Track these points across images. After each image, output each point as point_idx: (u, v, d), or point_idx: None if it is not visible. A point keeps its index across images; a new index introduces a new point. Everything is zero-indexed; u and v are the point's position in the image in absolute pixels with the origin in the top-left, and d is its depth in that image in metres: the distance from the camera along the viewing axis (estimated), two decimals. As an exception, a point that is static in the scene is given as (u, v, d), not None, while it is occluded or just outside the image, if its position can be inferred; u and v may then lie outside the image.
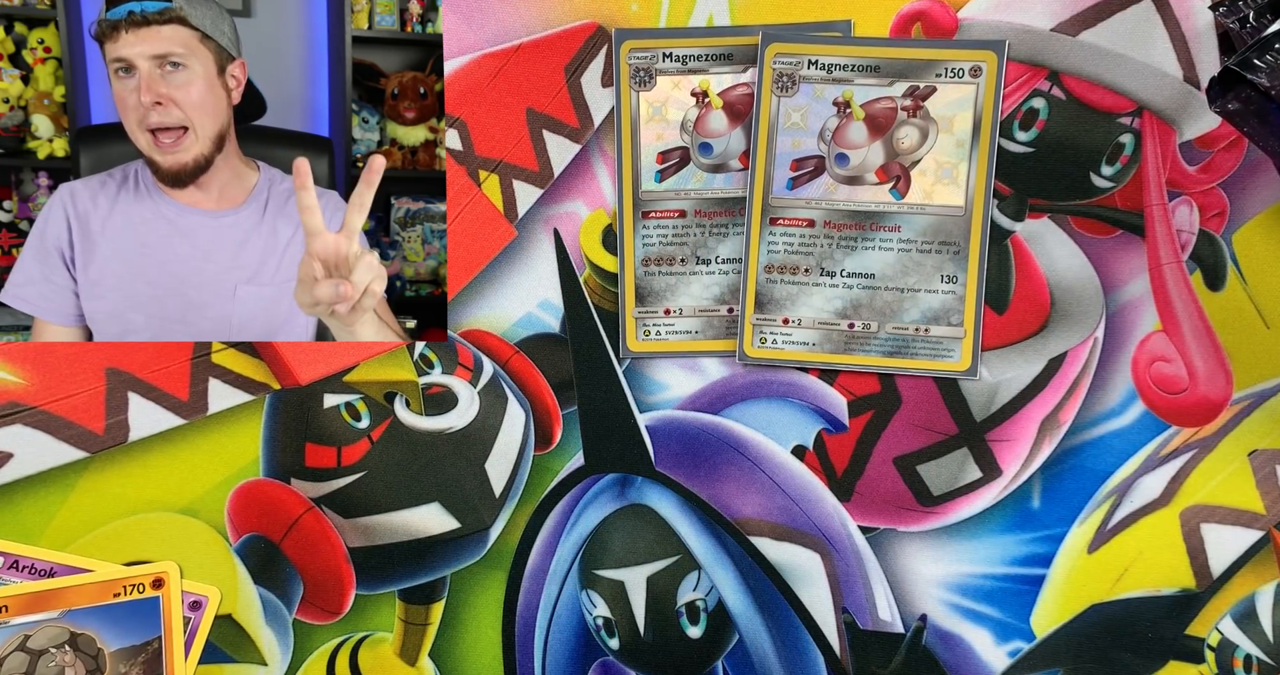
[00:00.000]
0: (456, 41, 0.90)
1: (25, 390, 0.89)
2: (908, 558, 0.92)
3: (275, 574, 0.90)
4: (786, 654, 0.91)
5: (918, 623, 0.92)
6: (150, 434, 0.90)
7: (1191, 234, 0.90)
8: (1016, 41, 0.88)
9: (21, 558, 0.88)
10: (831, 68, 0.88)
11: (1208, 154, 0.90)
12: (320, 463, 0.91)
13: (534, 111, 0.90)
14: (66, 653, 0.85)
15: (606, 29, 0.89)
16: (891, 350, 0.90)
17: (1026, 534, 0.91)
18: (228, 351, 0.91)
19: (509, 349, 0.92)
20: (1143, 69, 0.88)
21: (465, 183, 0.91)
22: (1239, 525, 0.90)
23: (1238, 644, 0.90)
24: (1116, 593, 0.91)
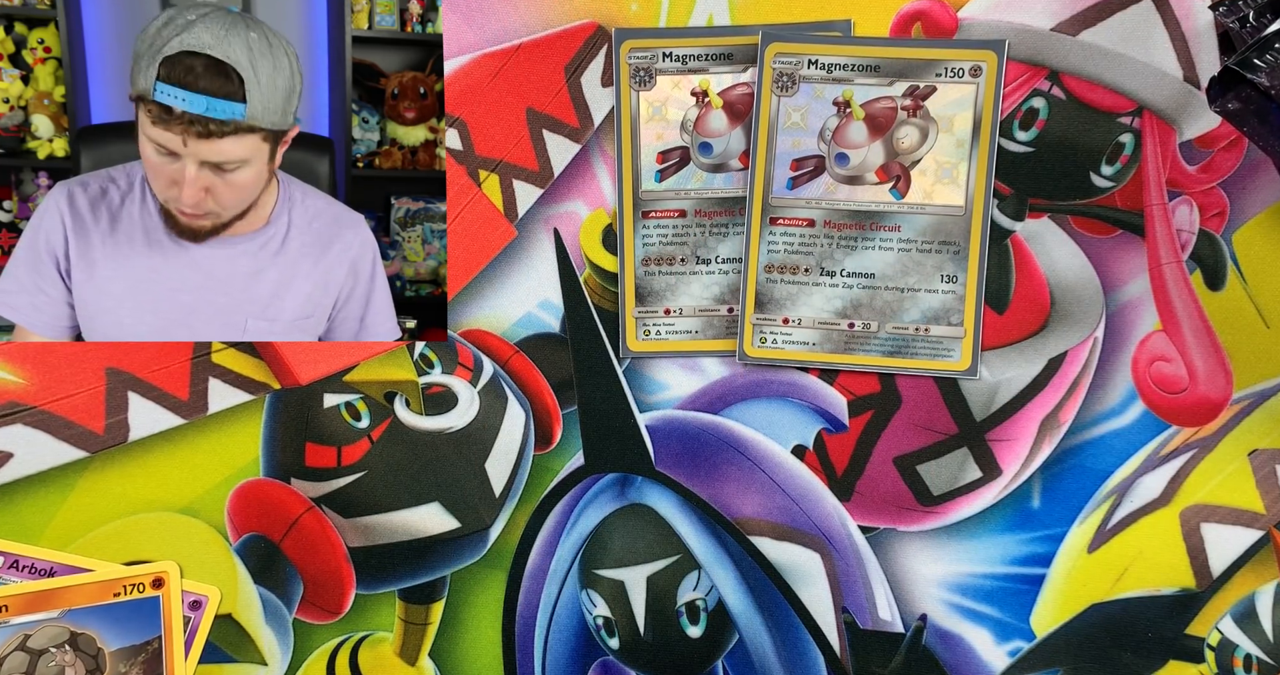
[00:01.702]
0: (456, 41, 0.90)
1: (25, 390, 0.89)
2: (908, 557, 0.92)
3: (275, 574, 0.90)
4: (786, 654, 0.91)
5: (917, 623, 0.92)
6: (150, 434, 0.90)
7: (1191, 234, 0.90)
8: (1016, 41, 0.88)
9: (22, 557, 0.88)
10: (831, 67, 0.88)
11: (1208, 154, 0.90)
12: (320, 462, 0.91)
13: (534, 111, 0.90)
14: (66, 652, 0.85)
15: (606, 29, 0.89)
16: (891, 350, 0.90)
17: (1026, 534, 0.91)
18: (228, 351, 0.91)
19: (509, 349, 0.92)
20: (1143, 69, 0.88)
21: (465, 182, 0.91)
22: (1239, 525, 0.90)
23: (1238, 644, 0.90)
24: (1116, 592, 0.91)
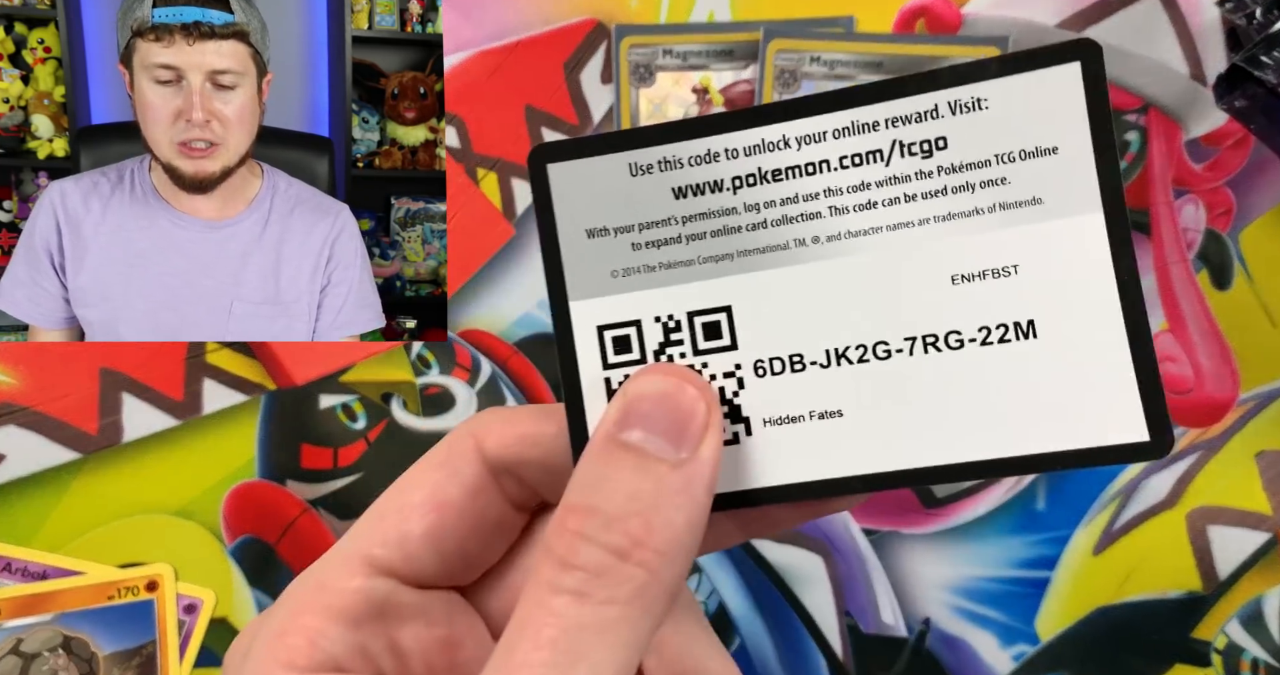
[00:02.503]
0: (455, 38, 0.90)
1: (17, 391, 0.89)
2: (911, 560, 0.91)
3: (271, 576, 0.90)
4: (788, 657, 0.91)
5: (921, 627, 0.91)
6: (144, 435, 0.89)
7: (1198, 232, 0.89)
8: (1021, 37, 0.87)
9: (14, 560, 0.87)
10: (834, 64, 0.87)
11: (1214, 151, 0.89)
12: (316, 464, 0.90)
13: (533, 108, 0.90)
14: (60, 656, 0.84)
15: (606, 25, 0.89)
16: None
17: (1031, 536, 0.91)
18: (223, 352, 0.90)
19: (507, 349, 0.91)
20: (1148, 65, 0.88)
21: (463, 181, 0.91)
22: (1246, 527, 0.90)
23: (1245, 647, 0.90)
24: (1122, 595, 0.90)
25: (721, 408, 0.33)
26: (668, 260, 0.34)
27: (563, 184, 0.34)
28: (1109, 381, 0.31)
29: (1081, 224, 0.32)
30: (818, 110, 0.33)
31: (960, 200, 0.32)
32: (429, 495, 0.35)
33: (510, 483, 0.36)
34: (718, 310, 0.34)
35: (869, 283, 0.33)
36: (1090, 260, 0.32)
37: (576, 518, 0.29)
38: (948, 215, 0.32)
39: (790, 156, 0.33)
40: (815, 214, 0.33)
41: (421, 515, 0.34)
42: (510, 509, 0.36)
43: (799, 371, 0.33)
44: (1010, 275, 0.32)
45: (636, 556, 0.29)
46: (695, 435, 0.31)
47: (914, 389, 0.33)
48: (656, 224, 0.34)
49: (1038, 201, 0.32)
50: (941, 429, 0.32)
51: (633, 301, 0.34)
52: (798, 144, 0.33)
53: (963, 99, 0.32)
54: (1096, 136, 0.31)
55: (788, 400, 0.33)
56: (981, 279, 0.32)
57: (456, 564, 0.35)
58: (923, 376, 0.33)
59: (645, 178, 0.34)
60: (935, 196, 0.32)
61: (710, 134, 0.33)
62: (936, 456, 0.32)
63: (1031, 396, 0.32)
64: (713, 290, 0.34)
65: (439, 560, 0.35)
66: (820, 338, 0.33)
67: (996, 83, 0.32)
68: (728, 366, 0.33)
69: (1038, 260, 0.32)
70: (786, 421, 0.33)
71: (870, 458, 0.33)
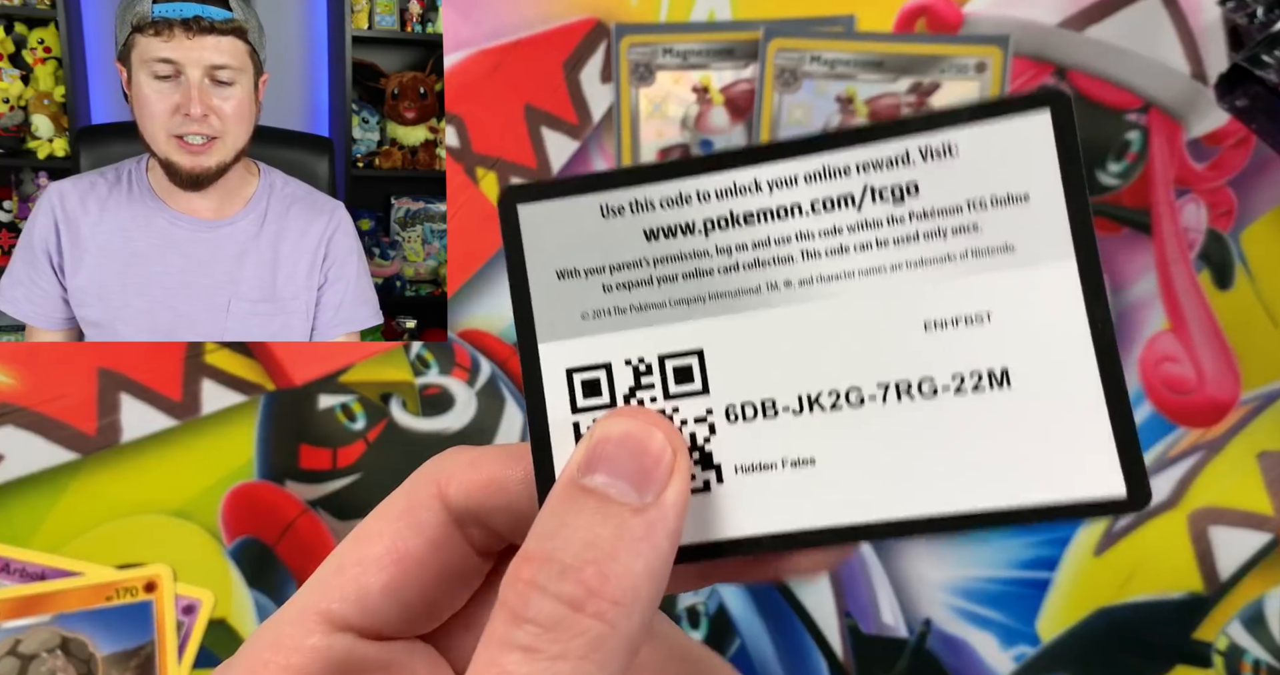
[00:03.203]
0: (455, 36, 0.90)
1: (16, 391, 0.88)
2: (912, 561, 0.91)
3: (270, 577, 0.89)
4: (788, 658, 0.90)
5: (921, 627, 0.91)
6: (143, 435, 0.89)
7: (1199, 232, 0.89)
8: (1022, 37, 0.87)
9: (12, 561, 0.87)
10: (834, 63, 0.87)
11: (1216, 151, 0.89)
12: (315, 464, 0.90)
13: (532, 108, 0.89)
14: (58, 657, 0.84)
15: (606, 24, 0.89)
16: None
17: (1032, 537, 0.90)
18: (221, 352, 0.90)
19: (507, 349, 0.91)
20: (1150, 65, 0.87)
21: (463, 181, 0.90)
22: (1248, 528, 0.89)
23: (1246, 649, 0.89)
24: (1123, 596, 0.90)
25: (692, 454, 0.32)
26: (639, 302, 0.33)
27: (533, 225, 0.34)
28: (1084, 433, 0.31)
29: (1053, 272, 0.31)
30: (789, 154, 0.32)
31: (932, 246, 0.32)
32: (389, 547, 0.33)
33: (475, 529, 0.34)
34: (689, 354, 0.32)
35: (842, 328, 0.32)
36: (1063, 308, 0.31)
37: (531, 567, 0.28)
38: (920, 261, 0.32)
39: (762, 200, 0.33)
40: (788, 258, 0.32)
41: (380, 568, 0.33)
42: (475, 555, 0.35)
43: (771, 417, 0.32)
44: (983, 322, 0.32)
45: (591, 607, 0.27)
46: (660, 479, 0.29)
47: (887, 437, 0.32)
48: (628, 266, 0.33)
49: (1009, 249, 0.31)
50: (914, 480, 0.32)
51: (603, 344, 0.33)
52: (769, 187, 0.32)
53: (934, 145, 0.32)
54: (1068, 184, 0.31)
55: (760, 447, 0.32)
56: (954, 326, 0.32)
57: (419, 614, 0.34)
58: (896, 425, 0.32)
59: (617, 219, 0.33)
60: (907, 242, 0.32)
61: (682, 176, 0.33)
62: (909, 508, 0.32)
63: (1006, 447, 0.31)
64: (684, 333, 0.32)
65: (401, 612, 0.34)
66: (793, 383, 0.32)
67: (967, 129, 0.31)
68: (699, 411, 0.32)
69: (1010, 308, 0.31)
70: (759, 469, 0.32)
71: (841, 509, 0.32)
